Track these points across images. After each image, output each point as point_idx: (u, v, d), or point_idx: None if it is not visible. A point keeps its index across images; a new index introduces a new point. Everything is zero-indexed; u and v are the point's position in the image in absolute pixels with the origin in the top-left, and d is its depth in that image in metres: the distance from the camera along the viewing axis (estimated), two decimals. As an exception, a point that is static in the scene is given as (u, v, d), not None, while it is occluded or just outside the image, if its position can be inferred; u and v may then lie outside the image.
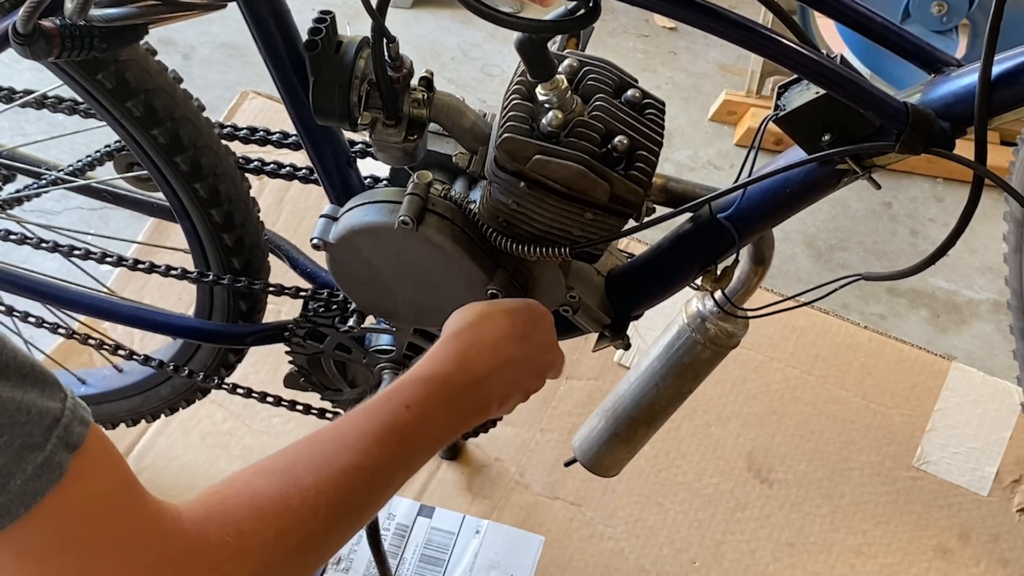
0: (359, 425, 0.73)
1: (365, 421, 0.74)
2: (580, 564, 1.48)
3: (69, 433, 0.56)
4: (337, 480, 0.69)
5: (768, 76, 2.37)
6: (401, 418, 0.75)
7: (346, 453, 0.71)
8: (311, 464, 0.69)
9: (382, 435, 0.73)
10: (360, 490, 0.71)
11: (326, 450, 0.71)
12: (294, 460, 0.69)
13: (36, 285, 1.28)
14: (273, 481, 0.67)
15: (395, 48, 0.87)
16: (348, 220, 1.00)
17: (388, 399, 0.77)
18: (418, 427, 0.76)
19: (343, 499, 0.69)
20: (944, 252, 0.86)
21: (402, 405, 0.76)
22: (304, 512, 0.66)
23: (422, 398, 0.78)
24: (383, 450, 0.73)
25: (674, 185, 0.96)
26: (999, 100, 0.78)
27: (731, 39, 0.78)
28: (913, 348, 1.63)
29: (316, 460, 0.69)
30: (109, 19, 0.86)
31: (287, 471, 0.68)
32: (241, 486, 0.66)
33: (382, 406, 0.76)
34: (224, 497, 0.65)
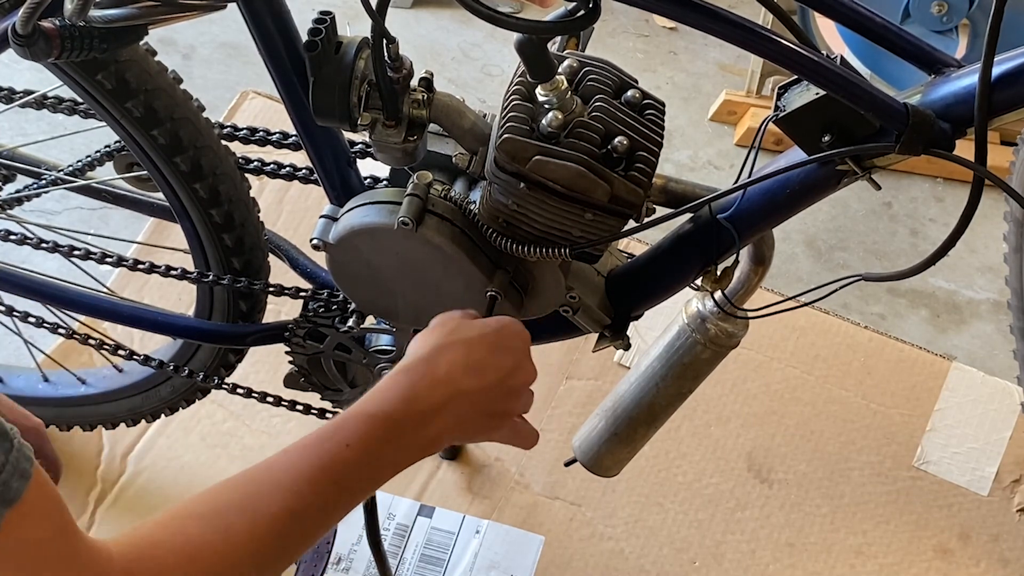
0: (295, 465, 0.72)
1: (300, 461, 0.72)
2: (580, 564, 1.48)
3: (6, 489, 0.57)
4: (269, 526, 0.69)
5: (768, 76, 2.37)
6: (339, 457, 0.73)
7: (279, 495, 0.70)
8: (245, 509, 0.68)
9: (317, 477, 0.72)
10: (292, 535, 0.70)
11: (260, 492, 0.70)
12: (228, 503, 0.69)
13: (36, 285, 1.28)
14: (205, 527, 0.67)
15: (395, 48, 0.87)
16: (348, 220, 1.00)
17: (328, 437, 0.74)
18: (356, 467, 0.75)
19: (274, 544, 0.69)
20: (944, 252, 0.86)
21: (342, 444, 0.74)
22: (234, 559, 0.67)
23: (363, 437, 0.75)
24: (317, 492, 0.72)
25: (674, 185, 0.96)
26: (999, 101, 0.78)
27: (731, 40, 0.78)
28: (913, 348, 1.63)
29: (250, 504, 0.69)
30: (109, 20, 0.87)
31: (220, 516, 0.68)
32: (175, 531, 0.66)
33: (320, 444, 0.74)
34: (156, 542, 0.65)
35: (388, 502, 1.51)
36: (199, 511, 0.68)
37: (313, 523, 0.72)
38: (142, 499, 1.52)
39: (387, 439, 0.77)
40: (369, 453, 0.75)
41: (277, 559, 0.70)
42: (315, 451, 0.73)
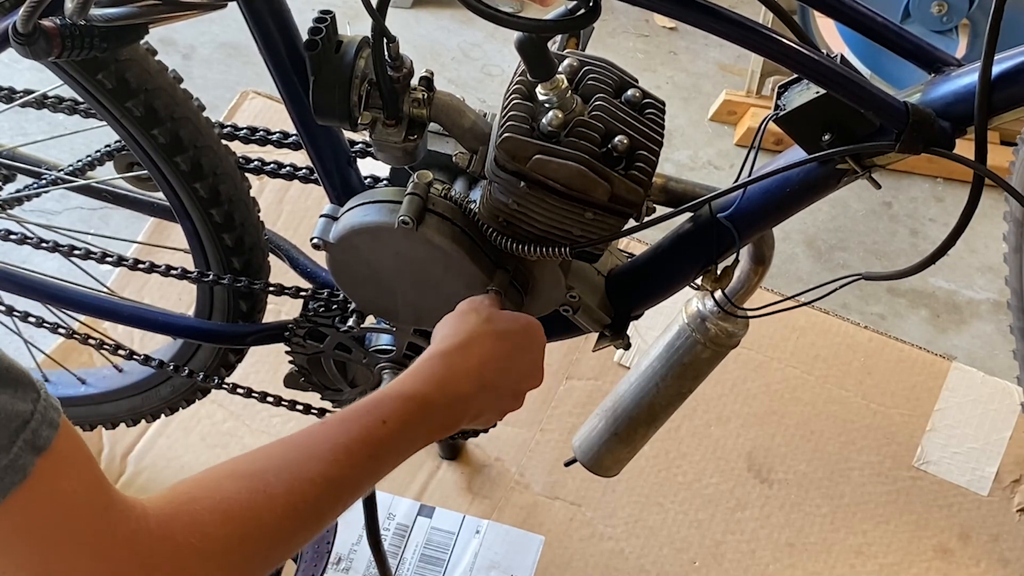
0: (333, 436, 0.74)
1: (340, 433, 0.74)
2: (580, 564, 1.48)
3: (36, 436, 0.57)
4: (305, 490, 0.70)
5: (768, 76, 2.37)
6: (376, 433, 0.76)
7: (317, 464, 0.71)
8: (282, 472, 0.69)
9: (355, 449, 0.74)
10: (326, 501, 0.72)
11: (298, 458, 0.71)
12: (265, 466, 0.70)
13: (36, 285, 1.28)
14: (243, 486, 0.67)
15: (395, 48, 0.87)
16: (348, 220, 1.00)
17: (366, 412, 0.77)
18: (391, 443, 0.77)
19: (309, 509, 0.70)
20: (944, 252, 0.86)
21: (379, 420, 0.76)
22: (270, 520, 0.67)
23: (400, 416, 0.78)
24: (354, 464, 0.73)
25: (674, 185, 0.96)
26: (999, 100, 0.78)
27: (731, 39, 0.78)
28: (913, 348, 1.63)
29: (287, 468, 0.70)
30: (109, 19, 0.86)
31: (257, 477, 0.68)
32: (211, 488, 0.67)
33: (359, 419, 0.76)
34: (193, 498, 0.65)
35: (388, 502, 1.51)
36: (238, 471, 0.69)
37: (346, 491, 0.74)
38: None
39: (420, 420, 0.80)
40: (403, 431, 0.78)
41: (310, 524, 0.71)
42: (354, 425, 0.75)
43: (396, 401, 0.79)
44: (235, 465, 0.69)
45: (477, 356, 0.84)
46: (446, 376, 0.83)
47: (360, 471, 0.74)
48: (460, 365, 0.83)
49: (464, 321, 0.87)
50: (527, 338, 0.90)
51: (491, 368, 0.85)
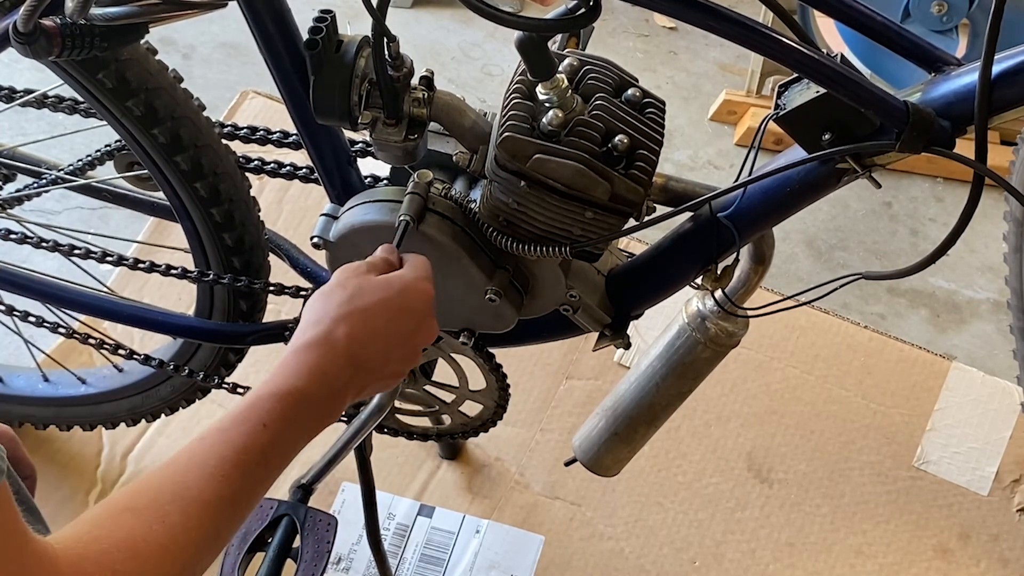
0: (218, 452, 0.73)
1: (223, 447, 0.73)
2: (580, 564, 1.48)
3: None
4: (201, 513, 0.70)
5: (768, 76, 2.37)
6: (259, 439, 0.75)
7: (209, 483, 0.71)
8: (175, 499, 0.70)
9: (241, 460, 0.73)
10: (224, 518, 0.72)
11: (188, 481, 0.71)
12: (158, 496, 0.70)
13: (36, 285, 1.28)
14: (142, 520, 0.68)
15: (395, 47, 0.87)
16: (348, 219, 1.00)
17: (244, 419, 0.75)
18: (276, 445, 0.76)
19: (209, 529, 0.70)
20: (944, 251, 0.86)
21: (259, 425, 0.75)
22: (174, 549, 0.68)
23: (279, 416, 0.76)
24: (244, 475, 0.73)
25: (674, 184, 0.96)
26: (999, 99, 0.78)
27: (731, 38, 0.78)
28: (913, 348, 1.63)
29: (180, 493, 0.70)
30: (110, 18, 0.86)
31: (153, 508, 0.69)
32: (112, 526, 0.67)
33: (238, 427, 0.75)
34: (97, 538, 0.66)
35: (388, 502, 1.51)
36: (134, 505, 0.69)
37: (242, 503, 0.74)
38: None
39: (300, 415, 0.78)
40: (286, 430, 0.77)
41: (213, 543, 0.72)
42: (234, 434, 0.74)
43: (272, 401, 0.77)
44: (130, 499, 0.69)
45: (346, 338, 0.81)
46: (317, 366, 0.80)
47: (250, 480, 0.74)
48: (330, 353, 0.81)
49: (328, 302, 0.84)
50: (402, 300, 0.85)
51: (362, 346, 0.82)
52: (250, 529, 0.99)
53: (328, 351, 0.81)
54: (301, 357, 0.80)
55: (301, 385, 0.79)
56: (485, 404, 1.27)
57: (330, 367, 0.80)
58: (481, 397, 1.26)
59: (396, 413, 1.32)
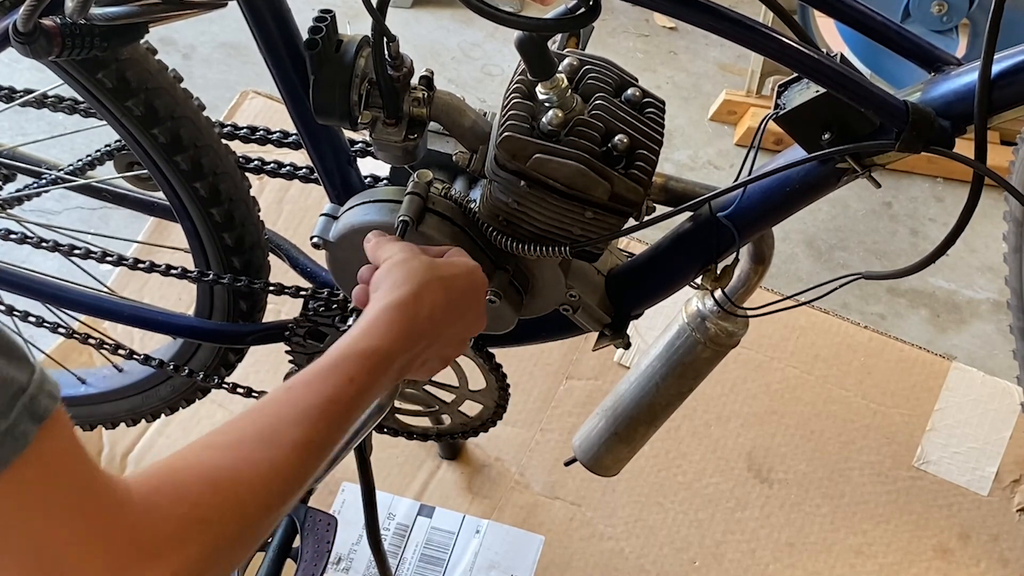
0: (304, 400, 0.74)
1: (310, 395, 0.74)
2: (580, 564, 1.48)
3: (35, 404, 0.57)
4: (285, 455, 0.70)
5: (768, 75, 2.37)
6: (345, 392, 0.75)
7: (294, 428, 0.71)
8: (259, 439, 0.69)
9: (328, 409, 0.74)
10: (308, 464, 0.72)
11: (274, 425, 0.71)
12: (241, 436, 0.69)
13: (36, 285, 1.28)
14: (224, 455, 0.67)
15: (395, 47, 0.87)
16: (349, 219, 1.00)
17: (332, 371, 0.76)
18: (359, 399, 0.77)
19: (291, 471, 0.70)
20: (944, 251, 0.86)
21: (346, 378, 0.76)
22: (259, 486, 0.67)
23: (366, 372, 0.77)
24: (329, 424, 0.74)
25: (674, 184, 0.96)
26: (999, 99, 0.78)
27: (731, 38, 0.78)
28: (913, 348, 1.63)
29: (263, 435, 0.70)
30: (109, 18, 0.87)
31: (236, 447, 0.68)
32: (192, 460, 0.66)
33: (326, 379, 0.76)
34: (175, 470, 0.65)
35: (388, 502, 1.51)
36: (216, 442, 0.68)
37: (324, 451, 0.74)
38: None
39: (384, 372, 0.79)
40: (368, 389, 0.78)
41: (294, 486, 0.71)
42: (322, 387, 0.75)
43: (361, 358, 0.78)
44: (211, 438, 0.69)
45: (430, 304, 0.83)
46: (404, 328, 0.81)
47: (333, 430, 0.74)
48: (418, 315, 0.82)
49: (410, 269, 0.85)
50: (471, 283, 0.88)
51: (443, 316, 0.84)
52: (250, 529, 0.99)
53: (413, 316, 0.82)
54: (392, 316, 0.82)
55: (389, 345, 0.80)
56: (485, 404, 1.27)
57: (413, 331, 0.82)
58: (481, 397, 1.26)
59: (396, 413, 1.32)
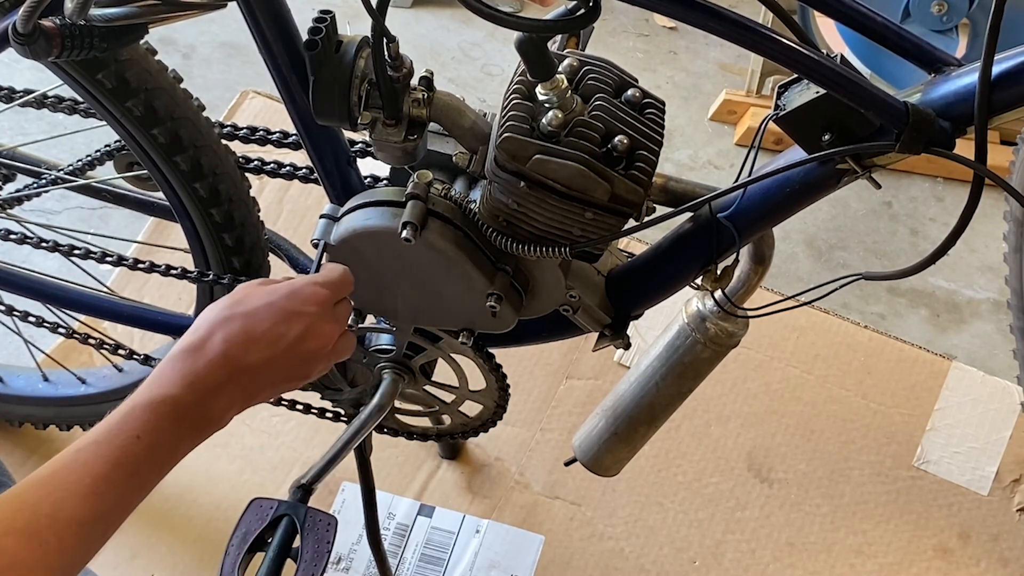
0: (91, 468, 0.73)
1: (97, 462, 0.73)
2: (580, 564, 1.48)
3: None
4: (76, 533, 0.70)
5: (768, 76, 2.37)
6: (132, 451, 0.74)
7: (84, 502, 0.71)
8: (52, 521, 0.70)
9: (112, 475, 0.73)
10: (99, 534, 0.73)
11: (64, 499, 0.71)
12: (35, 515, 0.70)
13: (36, 285, 1.28)
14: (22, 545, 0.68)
15: (395, 48, 0.87)
16: (350, 222, 0.99)
17: (118, 431, 0.75)
18: (150, 456, 0.75)
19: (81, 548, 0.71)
20: (944, 251, 0.86)
21: (132, 436, 0.75)
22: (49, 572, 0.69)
23: (152, 426, 0.76)
24: (115, 490, 0.73)
25: (674, 185, 0.96)
26: (999, 100, 0.78)
27: (731, 39, 0.78)
28: (913, 348, 1.63)
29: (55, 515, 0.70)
30: (109, 19, 0.86)
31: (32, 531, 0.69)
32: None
33: (112, 440, 0.74)
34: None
35: (388, 502, 1.51)
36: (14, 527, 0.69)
37: (114, 519, 0.74)
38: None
39: (175, 423, 0.77)
40: (160, 440, 0.76)
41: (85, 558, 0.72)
42: (107, 448, 0.74)
43: (145, 412, 0.76)
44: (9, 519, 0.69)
45: (222, 342, 0.80)
46: (189, 371, 0.79)
47: (123, 494, 0.74)
48: (203, 357, 0.80)
49: (212, 310, 0.83)
50: (292, 302, 0.84)
51: (241, 350, 0.81)
52: (250, 529, 0.99)
53: (200, 356, 0.80)
54: (174, 364, 0.80)
55: (173, 392, 0.78)
56: (485, 404, 1.27)
57: (202, 371, 0.79)
58: (481, 397, 1.26)
59: (396, 413, 1.32)
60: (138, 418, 0.76)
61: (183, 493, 1.52)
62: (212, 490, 1.53)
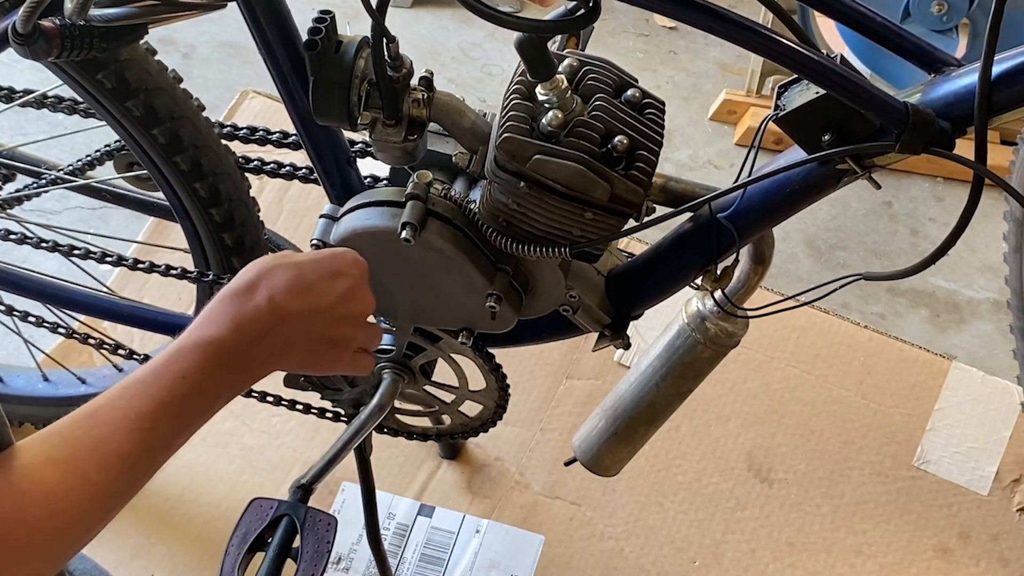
0: (137, 405, 0.73)
1: (143, 400, 0.74)
2: (580, 564, 1.48)
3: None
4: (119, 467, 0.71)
5: (768, 76, 2.37)
6: (177, 391, 0.75)
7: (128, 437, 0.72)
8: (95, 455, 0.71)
9: (158, 412, 0.74)
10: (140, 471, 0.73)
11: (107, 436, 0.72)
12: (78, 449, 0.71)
13: (36, 285, 1.28)
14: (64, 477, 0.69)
15: (395, 48, 0.87)
16: (350, 222, 1.00)
17: (164, 371, 0.76)
18: (195, 397, 0.76)
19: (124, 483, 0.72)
20: (944, 252, 0.86)
21: (179, 376, 0.75)
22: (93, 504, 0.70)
23: (198, 366, 0.76)
24: (159, 427, 0.74)
25: (674, 185, 0.96)
26: (999, 100, 0.78)
27: (731, 39, 0.78)
28: (913, 348, 1.63)
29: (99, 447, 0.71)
30: (109, 19, 0.87)
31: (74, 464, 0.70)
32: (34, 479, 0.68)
33: (158, 379, 0.75)
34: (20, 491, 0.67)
35: (388, 502, 1.51)
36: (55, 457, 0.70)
37: (158, 457, 0.75)
38: (141, 499, 1.51)
39: (220, 365, 0.78)
40: (205, 382, 0.77)
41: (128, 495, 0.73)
42: (154, 387, 0.74)
43: (193, 352, 0.77)
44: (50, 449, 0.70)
45: (267, 287, 0.81)
46: (237, 316, 0.79)
47: (167, 433, 0.74)
48: (250, 301, 0.80)
49: (255, 263, 0.84)
50: (336, 262, 0.86)
51: (285, 296, 0.81)
52: (250, 529, 0.99)
53: (248, 300, 0.80)
54: (223, 307, 0.80)
55: (220, 333, 0.78)
56: (485, 404, 1.27)
57: (249, 314, 0.80)
58: (481, 397, 1.26)
59: (396, 413, 1.32)
60: (185, 358, 0.76)
61: (183, 493, 1.52)
62: (212, 490, 1.53)
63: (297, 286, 0.82)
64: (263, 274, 0.82)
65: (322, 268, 0.85)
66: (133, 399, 0.74)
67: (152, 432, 0.73)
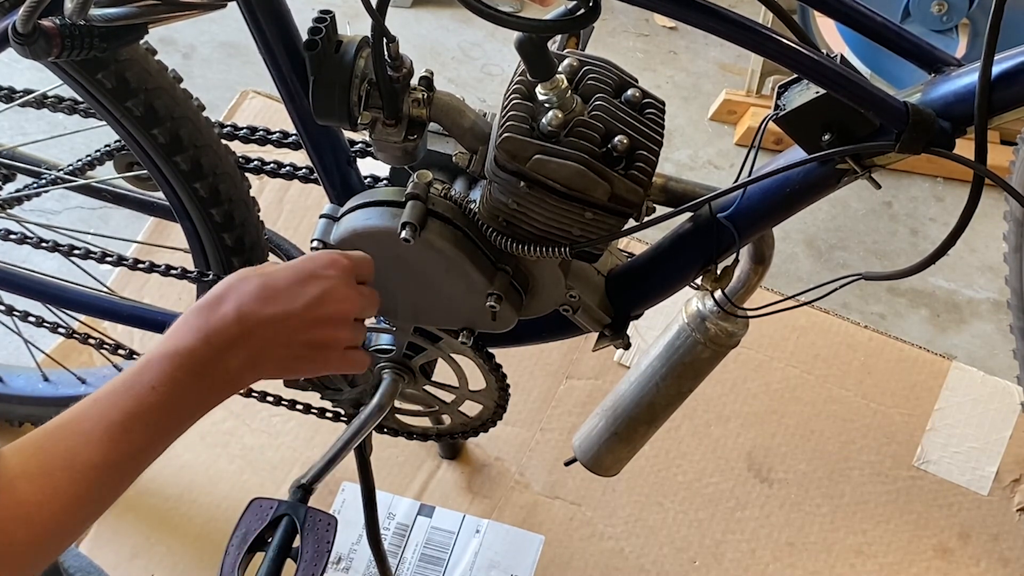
0: (107, 415, 0.74)
1: (113, 411, 0.74)
2: (580, 564, 1.48)
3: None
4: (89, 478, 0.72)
5: (768, 75, 2.37)
6: (147, 401, 0.75)
7: (98, 448, 0.72)
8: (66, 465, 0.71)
9: (128, 423, 0.74)
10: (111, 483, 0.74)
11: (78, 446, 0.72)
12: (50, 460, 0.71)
13: (36, 285, 1.28)
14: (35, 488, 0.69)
15: (395, 48, 0.87)
16: (350, 223, 1.00)
17: (134, 382, 0.76)
18: (166, 407, 0.76)
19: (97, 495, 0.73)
20: (944, 251, 0.86)
21: (148, 387, 0.75)
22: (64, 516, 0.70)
23: (167, 376, 0.76)
24: (130, 439, 0.74)
25: (674, 184, 0.96)
26: (999, 100, 0.78)
27: (731, 39, 0.78)
28: (913, 348, 1.63)
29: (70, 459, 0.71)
30: (109, 19, 0.87)
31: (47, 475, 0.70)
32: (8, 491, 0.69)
33: (128, 390, 0.75)
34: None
35: (388, 502, 1.51)
36: (28, 470, 0.70)
37: (129, 469, 0.75)
38: (142, 499, 1.52)
39: (189, 375, 0.78)
40: (175, 393, 0.77)
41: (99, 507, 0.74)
42: (123, 397, 0.75)
43: (161, 362, 0.77)
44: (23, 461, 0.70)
45: (235, 298, 0.81)
46: (203, 324, 0.80)
47: (138, 445, 0.74)
48: (216, 311, 0.80)
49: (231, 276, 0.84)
50: (312, 265, 0.85)
51: (254, 304, 0.81)
52: (250, 529, 0.99)
53: (215, 310, 0.80)
54: (189, 319, 0.81)
55: (188, 344, 0.78)
56: (485, 404, 1.27)
57: (216, 324, 0.80)
58: (481, 397, 1.26)
59: (396, 413, 1.32)
60: (154, 368, 0.77)
61: (183, 493, 1.52)
62: (212, 490, 1.53)
63: (264, 294, 0.82)
64: (231, 286, 0.82)
65: (291, 274, 0.84)
66: (104, 410, 0.74)
67: (123, 442, 0.73)
